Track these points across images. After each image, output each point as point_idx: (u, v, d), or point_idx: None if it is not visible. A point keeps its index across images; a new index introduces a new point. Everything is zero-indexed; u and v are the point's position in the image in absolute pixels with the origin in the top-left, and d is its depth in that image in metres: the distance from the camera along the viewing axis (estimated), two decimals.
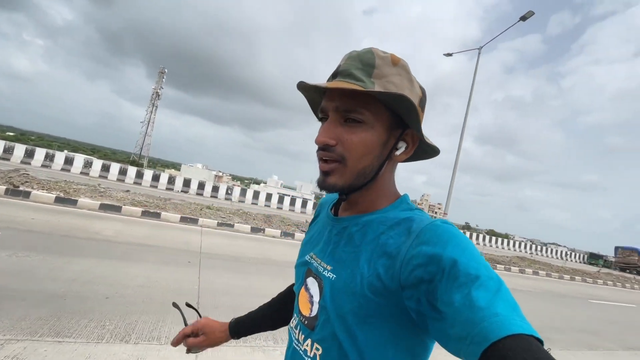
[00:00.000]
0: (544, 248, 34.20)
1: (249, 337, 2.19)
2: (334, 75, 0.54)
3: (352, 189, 0.56)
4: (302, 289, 0.62)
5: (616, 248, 32.98)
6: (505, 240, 30.70)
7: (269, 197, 20.49)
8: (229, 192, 19.33)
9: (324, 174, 0.55)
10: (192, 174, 43.05)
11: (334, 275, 0.55)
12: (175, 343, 0.82)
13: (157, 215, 8.01)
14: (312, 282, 0.60)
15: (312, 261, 0.62)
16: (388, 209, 0.57)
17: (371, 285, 0.50)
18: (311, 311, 0.58)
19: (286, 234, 9.52)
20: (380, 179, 0.57)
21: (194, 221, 8.38)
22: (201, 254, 5.44)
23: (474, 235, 28.83)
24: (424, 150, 0.61)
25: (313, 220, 0.75)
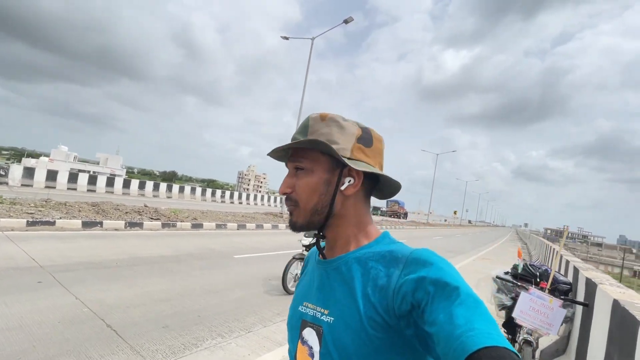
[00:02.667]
0: None
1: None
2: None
3: (315, 225, 0.61)
4: (299, 344, 0.61)
5: (387, 201, 48.54)
6: None
7: (51, 175, 15.67)
8: (3, 172, 13.74)
9: (290, 215, 0.64)
10: None
11: (332, 318, 0.56)
12: None
13: None
14: (309, 333, 0.60)
15: (307, 310, 0.62)
16: (372, 244, 0.61)
17: (370, 319, 0.52)
18: None
19: (132, 224, 8.21)
20: (344, 213, 0.62)
21: None
22: (45, 268, 4.18)
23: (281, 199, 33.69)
24: (389, 182, 0.65)
25: (301, 273, 0.78)
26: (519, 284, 2.68)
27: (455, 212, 55.02)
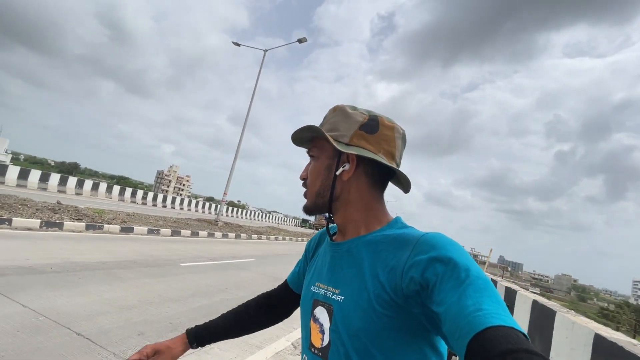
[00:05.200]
0: (269, 215, 44.57)
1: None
2: None
3: (320, 208, 0.66)
4: (311, 322, 0.64)
5: (315, 216, 50.19)
6: (243, 210, 37.29)
7: None
8: None
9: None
10: None
11: (342, 297, 0.58)
12: None
13: None
14: (320, 311, 0.62)
15: (319, 290, 0.64)
16: (384, 228, 0.62)
17: (378, 297, 0.54)
18: (323, 341, 0.60)
19: (50, 224, 7.16)
20: (348, 198, 0.64)
21: None
22: None
23: (216, 205, 32.15)
24: (390, 171, 0.65)
25: (312, 256, 0.79)
26: None
27: None
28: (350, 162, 0.63)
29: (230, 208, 32.66)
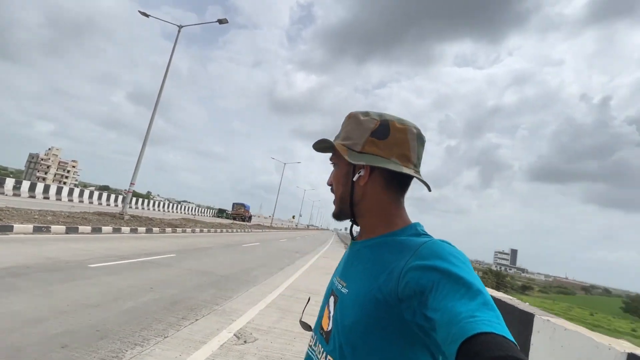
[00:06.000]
0: (179, 205, 41.34)
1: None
2: None
3: (345, 213, 0.70)
4: (326, 309, 0.70)
5: (233, 204, 48.87)
6: (148, 201, 33.66)
7: None
8: None
9: None
10: None
11: (347, 290, 0.64)
12: None
13: None
14: (332, 300, 0.68)
15: (336, 282, 0.70)
16: (397, 232, 0.64)
17: (373, 298, 0.56)
18: (328, 325, 0.66)
19: None
20: (366, 203, 0.67)
21: None
22: None
23: (116, 196, 28.82)
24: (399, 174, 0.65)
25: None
26: None
27: (293, 217, 60.79)
28: (365, 169, 0.66)
29: (133, 199, 29.10)
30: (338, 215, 0.72)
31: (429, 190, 0.69)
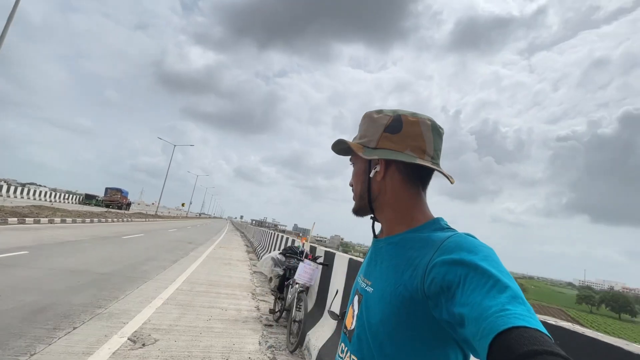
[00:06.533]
0: (26, 189, 32.33)
1: None
2: None
3: (364, 209, 0.71)
4: (350, 308, 0.71)
5: (106, 189, 40.09)
6: None
7: None
8: None
9: None
10: None
11: (372, 289, 0.63)
12: None
13: None
14: (357, 299, 0.68)
15: (360, 282, 0.70)
16: (419, 228, 0.62)
17: (399, 295, 0.55)
18: (352, 324, 0.66)
19: None
20: (384, 199, 0.66)
21: None
22: None
23: None
24: (416, 167, 0.65)
25: None
26: (298, 258, 4.22)
27: (183, 204, 55.61)
28: (380, 164, 0.66)
29: None
30: (357, 211, 0.72)
31: (451, 182, 0.66)
